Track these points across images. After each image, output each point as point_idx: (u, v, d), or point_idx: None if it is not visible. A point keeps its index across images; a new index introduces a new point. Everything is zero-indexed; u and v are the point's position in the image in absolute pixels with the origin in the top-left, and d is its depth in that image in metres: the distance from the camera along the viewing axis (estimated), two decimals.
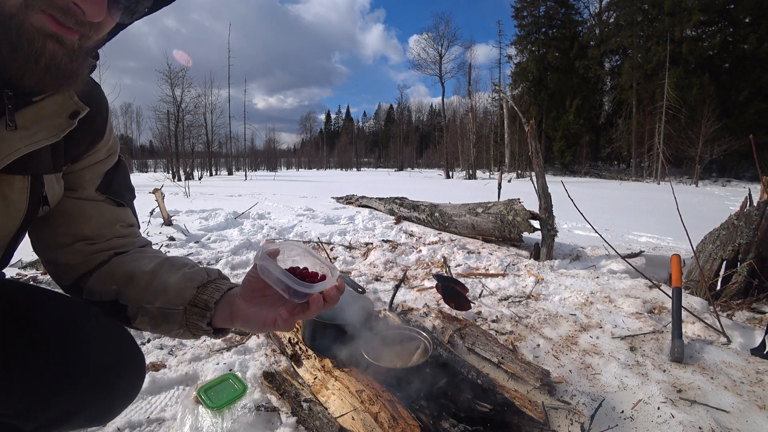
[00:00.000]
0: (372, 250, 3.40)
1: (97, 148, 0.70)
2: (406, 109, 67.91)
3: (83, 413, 0.61)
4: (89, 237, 0.70)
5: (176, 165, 26.87)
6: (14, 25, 0.44)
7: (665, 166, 11.36)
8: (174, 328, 0.65)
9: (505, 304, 2.21)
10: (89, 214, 0.70)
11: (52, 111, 0.57)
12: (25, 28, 0.45)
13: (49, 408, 0.56)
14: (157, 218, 4.38)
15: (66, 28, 0.47)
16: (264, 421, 1.19)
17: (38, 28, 0.45)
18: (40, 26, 0.45)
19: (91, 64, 0.57)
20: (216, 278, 0.69)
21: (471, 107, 30.03)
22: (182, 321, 0.64)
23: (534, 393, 1.33)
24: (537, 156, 3.23)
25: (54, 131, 0.58)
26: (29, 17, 0.45)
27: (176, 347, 1.64)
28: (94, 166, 0.71)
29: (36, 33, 0.45)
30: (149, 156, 56.87)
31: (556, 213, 3.21)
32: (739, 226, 2.20)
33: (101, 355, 0.62)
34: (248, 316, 0.61)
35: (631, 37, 25.34)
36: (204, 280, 0.67)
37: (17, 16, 0.44)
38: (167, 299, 0.65)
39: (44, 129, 0.57)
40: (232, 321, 0.63)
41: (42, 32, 0.46)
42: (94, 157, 0.70)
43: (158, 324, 0.66)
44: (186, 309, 0.64)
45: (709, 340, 1.77)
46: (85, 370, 0.59)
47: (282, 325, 0.58)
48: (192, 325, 0.65)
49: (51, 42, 0.47)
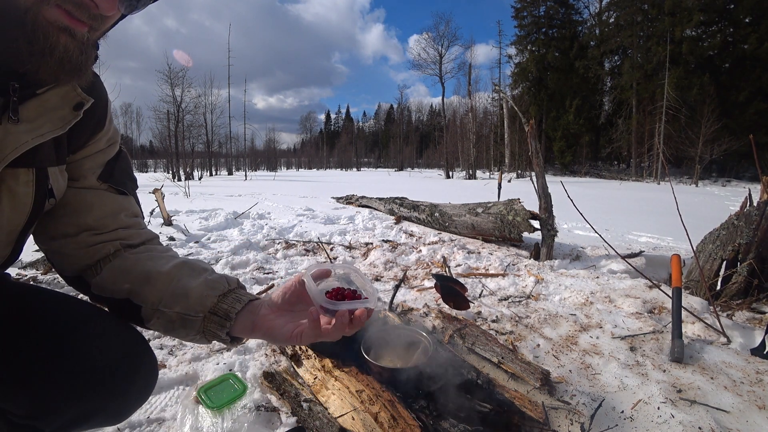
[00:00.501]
0: (372, 250, 3.40)
1: (98, 137, 0.70)
2: (406, 109, 67.98)
3: (101, 413, 0.61)
4: (93, 227, 0.69)
5: (176, 165, 26.89)
6: (29, 20, 0.45)
7: (665, 166, 11.36)
8: (191, 334, 0.65)
9: (505, 304, 2.21)
10: (91, 203, 0.69)
11: (56, 103, 0.57)
12: (40, 22, 0.45)
13: (68, 410, 0.57)
14: (157, 218, 4.38)
15: (78, 21, 0.48)
16: (264, 421, 1.19)
17: (52, 22, 0.46)
18: (54, 20, 0.46)
19: (94, 56, 0.57)
20: (235, 287, 0.69)
21: (471, 107, 30.04)
22: (200, 328, 0.64)
23: (534, 393, 1.33)
24: (537, 156, 3.23)
25: (59, 123, 0.58)
26: (43, 11, 0.45)
27: (176, 347, 1.64)
28: (95, 155, 0.70)
29: (50, 27, 0.46)
30: (149, 156, 56.90)
31: (556, 213, 3.21)
32: (739, 226, 2.20)
33: (118, 356, 0.62)
34: (273, 327, 0.62)
35: (631, 37, 25.33)
36: (225, 289, 0.67)
37: (32, 10, 0.45)
38: (187, 305, 0.64)
39: (49, 121, 0.57)
40: (253, 331, 0.64)
41: (55, 26, 0.47)
42: (94, 146, 0.70)
43: (174, 328, 0.65)
44: (206, 317, 0.64)
45: (709, 340, 1.77)
46: (104, 372, 0.59)
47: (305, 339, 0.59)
48: (210, 333, 0.65)
49: (63, 35, 0.47)
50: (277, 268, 2.86)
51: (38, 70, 0.48)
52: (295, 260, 3.10)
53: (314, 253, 3.36)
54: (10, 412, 0.54)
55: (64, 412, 0.57)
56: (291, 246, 3.51)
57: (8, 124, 0.51)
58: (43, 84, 0.54)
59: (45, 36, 0.46)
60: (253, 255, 3.10)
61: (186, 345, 1.66)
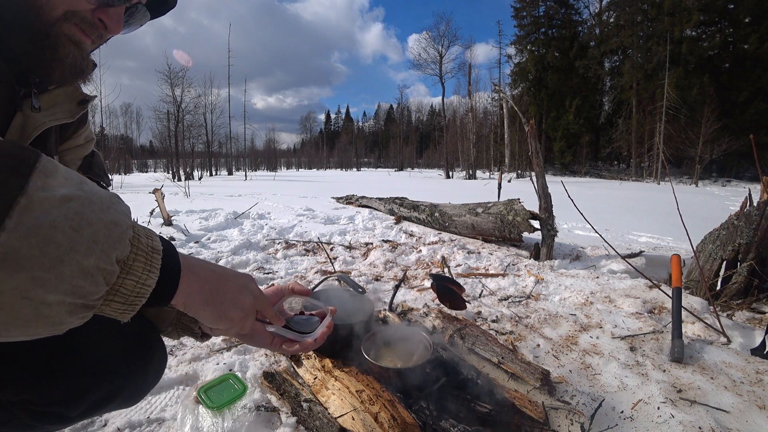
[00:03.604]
0: (372, 250, 3.40)
1: (79, 132, 0.78)
2: (406, 109, 68.02)
3: (122, 394, 0.64)
4: None
5: (176, 165, 26.89)
6: (54, 33, 0.56)
7: (665, 166, 11.37)
8: (162, 326, 0.68)
9: (505, 304, 2.21)
10: None
11: (63, 98, 0.68)
12: (58, 35, 0.56)
13: (96, 392, 0.59)
14: (157, 218, 4.38)
15: (87, 36, 0.60)
16: (264, 421, 1.19)
17: (68, 36, 0.57)
18: (70, 34, 0.57)
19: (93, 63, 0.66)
20: None
21: (471, 107, 30.05)
22: (174, 320, 0.67)
23: (534, 393, 1.33)
24: (537, 156, 3.23)
25: (68, 114, 0.68)
26: (63, 27, 0.56)
27: (176, 347, 1.64)
28: (75, 149, 0.78)
29: (65, 39, 0.57)
30: (149, 156, 56.92)
31: (556, 213, 3.21)
32: (739, 226, 2.20)
33: (137, 335, 0.65)
34: (256, 330, 0.65)
35: (631, 37, 25.33)
36: None
37: (56, 25, 0.55)
38: None
39: (60, 111, 0.67)
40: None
41: (69, 39, 0.58)
42: (75, 140, 0.78)
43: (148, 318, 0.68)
44: (179, 311, 0.65)
45: (709, 340, 1.77)
46: (126, 352, 0.62)
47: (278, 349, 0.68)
48: (182, 326, 0.68)
49: (72, 46, 0.58)
50: (277, 268, 2.86)
51: (53, 73, 0.59)
52: (295, 260, 3.10)
53: (314, 253, 3.36)
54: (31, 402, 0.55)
55: (92, 394, 0.59)
56: (291, 246, 3.51)
57: (30, 111, 0.62)
58: (54, 83, 0.65)
59: (63, 46, 0.57)
60: (253, 255, 3.11)
61: (186, 345, 1.66)
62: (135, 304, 0.45)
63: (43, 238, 0.36)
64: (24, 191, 0.36)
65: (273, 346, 0.67)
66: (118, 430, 1.16)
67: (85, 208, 0.39)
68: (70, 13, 0.56)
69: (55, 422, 0.60)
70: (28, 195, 0.36)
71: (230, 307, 0.56)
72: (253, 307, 0.60)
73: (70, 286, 0.38)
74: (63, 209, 0.38)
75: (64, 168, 0.41)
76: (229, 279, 0.57)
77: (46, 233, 0.36)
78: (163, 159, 35.38)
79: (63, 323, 0.40)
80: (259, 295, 0.62)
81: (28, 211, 0.35)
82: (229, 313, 0.56)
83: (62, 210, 0.37)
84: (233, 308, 0.57)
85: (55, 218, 0.37)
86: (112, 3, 0.59)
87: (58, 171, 0.40)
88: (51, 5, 0.54)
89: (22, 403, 0.55)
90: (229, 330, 0.59)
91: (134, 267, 0.44)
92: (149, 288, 0.45)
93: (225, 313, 0.56)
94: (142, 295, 0.45)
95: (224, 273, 0.57)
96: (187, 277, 0.50)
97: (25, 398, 0.55)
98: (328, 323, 0.70)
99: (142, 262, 0.44)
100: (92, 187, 0.42)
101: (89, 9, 0.58)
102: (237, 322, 0.58)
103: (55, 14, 0.55)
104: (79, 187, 0.40)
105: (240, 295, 0.58)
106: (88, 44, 0.61)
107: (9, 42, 0.55)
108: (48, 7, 0.54)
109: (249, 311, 0.59)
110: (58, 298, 0.37)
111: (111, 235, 0.41)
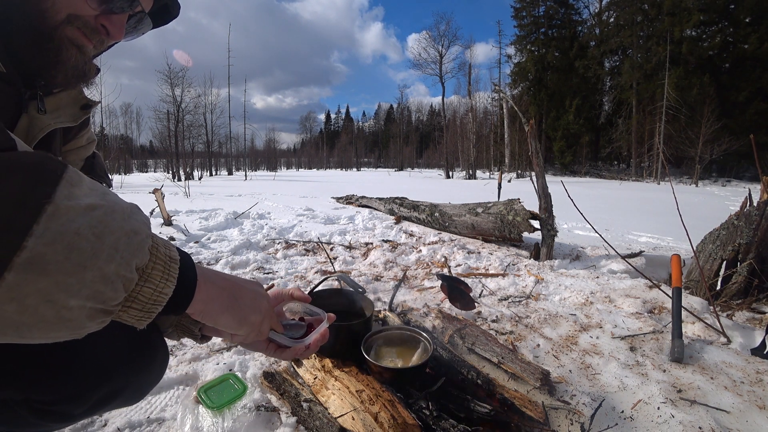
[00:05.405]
0: (372, 250, 3.40)
1: (82, 134, 0.79)
2: (406, 109, 68.06)
3: (123, 395, 0.64)
4: None
5: (176, 165, 26.89)
6: (56, 36, 0.57)
7: (665, 166, 11.37)
8: (162, 326, 0.68)
9: (505, 304, 2.21)
10: None
11: (67, 102, 0.70)
12: (61, 39, 0.57)
13: (100, 390, 0.60)
14: (157, 218, 4.38)
15: (89, 40, 0.61)
16: (264, 421, 1.19)
17: (71, 39, 0.58)
18: (72, 38, 0.58)
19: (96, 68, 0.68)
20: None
21: (471, 107, 30.07)
22: (174, 321, 0.68)
23: (534, 393, 1.33)
24: (537, 156, 3.23)
25: (71, 117, 0.70)
26: (66, 30, 0.57)
27: (176, 347, 1.64)
28: (78, 150, 0.79)
29: (68, 43, 0.58)
30: (149, 156, 56.93)
31: (556, 213, 3.21)
32: (739, 226, 2.20)
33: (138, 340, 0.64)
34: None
35: (631, 37, 25.34)
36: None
37: (59, 28, 0.56)
38: None
39: (64, 114, 0.69)
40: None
41: (72, 42, 0.59)
42: (78, 141, 0.79)
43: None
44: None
45: (709, 340, 1.77)
46: (130, 349, 0.62)
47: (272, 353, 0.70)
48: (183, 328, 0.68)
49: (75, 49, 0.59)
50: (277, 268, 2.86)
51: (57, 75, 0.60)
52: (295, 260, 3.10)
53: (314, 253, 3.36)
54: (36, 401, 0.56)
55: (96, 392, 0.59)
56: (291, 246, 3.51)
57: (36, 113, 0.63)
58: (58, 86, 0.66)
59: (66, 50, 0.58)
60: (253, 255, 3.11)
61: (186, 345, 1.66)
62: (152, 311, 0.46)
63: (68, 244, 0.37)
64: (51, 199, 0.37)
65: (268, 351, 0.69)
66: (118, 430, 1.16)
67: (108, 216, 0.41)
68: (73, 17, 0.57)
69: (59, 420, 0.61)
70: (55, 203, 0.37)
71: (249, 312, 0.58)
72: (269, 311, 0.63)
73: (92, 291, 0.39)
74: (87, 217, 0.39)
75: (88, 179, 0.43)
76: (244, 286, 0.59)
77: (70, 240, 0.37)
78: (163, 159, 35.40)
79: (83, 327, 0.40)
80: (270, 300, 0.65)
81: (55, 219, 0.36)
82: (249, 318, 0.58)
83: (86, 218, 0.39)
84: (252, 313, 0.59)
85: (79, 226, 0.38)
86: (115, 10, 0.60)
87: (83, 181, 0.41)
88: (55, 9, 0.55)
89: (27, 401, 0.56)
90: (249, 335, 0.60)
91: (152, 275, 0.45)
92: (166, 296, 0.46)
93: (245, 318, 0.58)
94: (159, 302, 0.46)
95: (238, 281, 0.59)
96: (202, 287, 0.52)
97: (30, 397, 0.55)
98: (323, 330, 0.71)
99: (160, 271, 0.45)
100: (114, 197, 0.44)
101: (92, 14, 0.59)
102: (257, 326, 0.60)
103: (59, 17, 0.56)
104: (103, 197, 0.42)
105: (256, 301, 0.60)
106: (90, 48, 0.62)
107: (15, 44, 0.55)
108: (52, 11, 0.55)
109: (266, 315, 0.62)
110: (79, 302, 0.38)
111: (131, 243, 0.42)
